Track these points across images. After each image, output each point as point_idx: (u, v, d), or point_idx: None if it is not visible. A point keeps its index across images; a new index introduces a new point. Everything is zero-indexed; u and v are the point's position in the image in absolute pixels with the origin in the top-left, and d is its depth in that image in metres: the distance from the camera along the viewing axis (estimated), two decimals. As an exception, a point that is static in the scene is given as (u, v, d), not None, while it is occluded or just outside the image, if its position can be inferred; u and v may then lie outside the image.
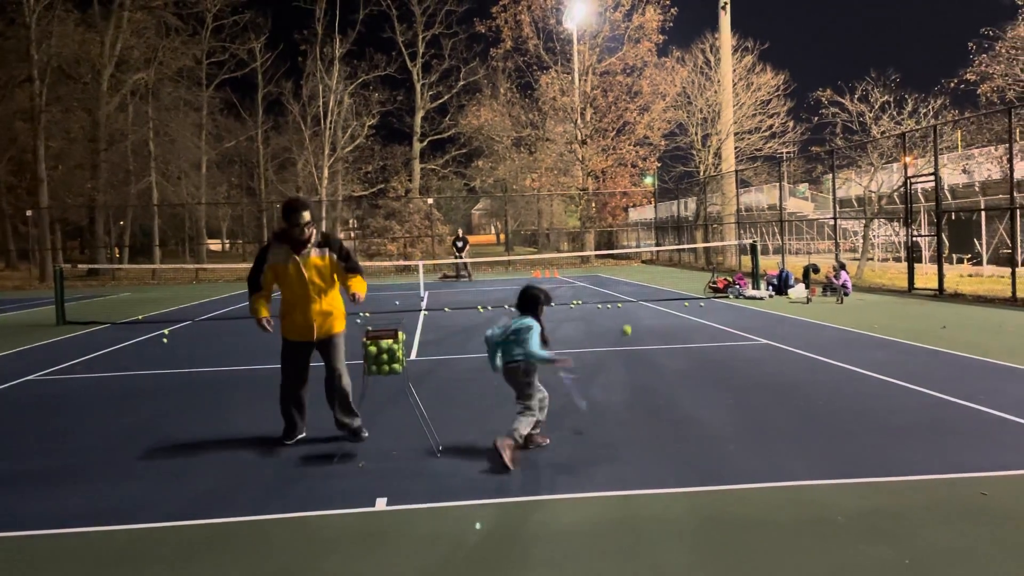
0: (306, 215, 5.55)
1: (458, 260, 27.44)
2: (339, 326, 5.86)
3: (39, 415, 7.19)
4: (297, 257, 5.61)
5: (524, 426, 5.23)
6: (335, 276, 5.77)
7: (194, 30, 43.35)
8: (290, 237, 5.59)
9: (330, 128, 43.13)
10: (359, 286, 5.73)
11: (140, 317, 16.40)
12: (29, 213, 33.82)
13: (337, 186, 45.42)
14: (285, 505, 4.52)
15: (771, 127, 34.74)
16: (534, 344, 5.24)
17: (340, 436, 5.82)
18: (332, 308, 5.78)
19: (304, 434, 5.94)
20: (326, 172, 43.18)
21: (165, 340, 12.34)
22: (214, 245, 69.62)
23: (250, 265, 5.97)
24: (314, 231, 5.68)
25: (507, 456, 4.99)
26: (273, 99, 49.36)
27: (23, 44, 34.30)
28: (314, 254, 5.63)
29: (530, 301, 5.44)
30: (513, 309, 5.60)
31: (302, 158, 45.96)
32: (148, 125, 39.75)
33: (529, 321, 5.34)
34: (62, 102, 37.61)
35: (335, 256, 5.69)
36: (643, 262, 38.58)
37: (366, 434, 5.78)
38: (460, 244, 28.06)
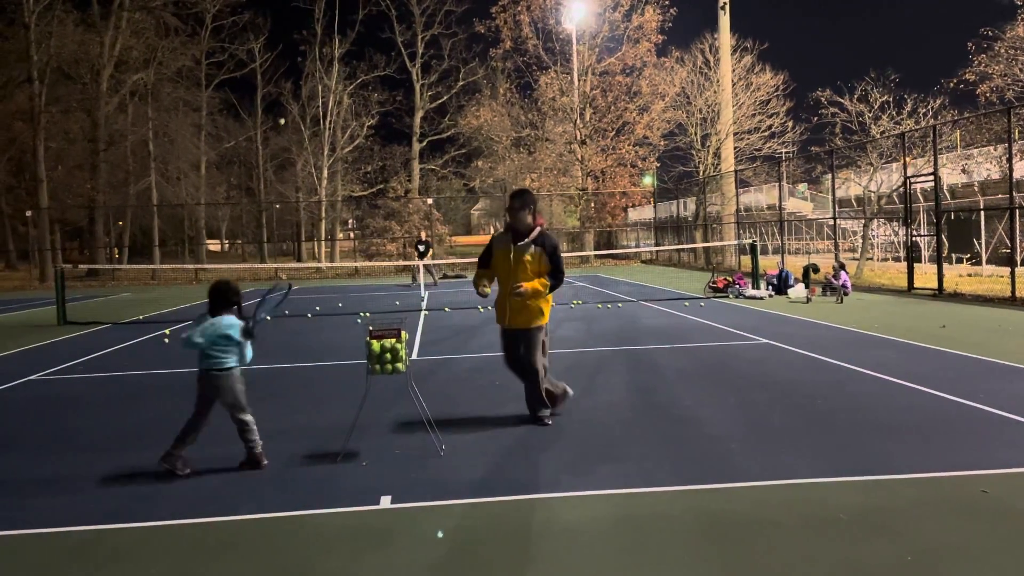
0: (515, 202, 5.89)
1: (417, 263, 24.72)
2: (534, 321, 6.02)
3: (41, 415, 7.20)
4: (513, 247, 5.91)
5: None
6: (542, 274, 5.99)
7: (193, 30, 43.34)
8: (512, 226, 5.93)
9: (329, 128, 43.16)
10: (539, 284, 5.89)
11: (141, 317, 16.41)
12: (29, 214, 33.81)
13: (336, 186, 45.43)
14: (289, 503, 4.53)
15: (770, 127, 34.79)
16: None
17: (343, 434, 5.83)
18: (529, 302, 5.94)
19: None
20: (325, 172, 43.20)
21: (166, 340, 12.35)
22: (213, 245, 69.57)
23: (251, 265, 6.12)
24: (538, 227, 5.94)
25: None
26: (272, 99, 49.38)
27: (22, 45, 34.28)
28: (529, 250, 5.89)
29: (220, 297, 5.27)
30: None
31: (301, 158, 45.97)
32: (147, 125, 39.74)
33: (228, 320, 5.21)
34: (61, 103, 37.58)
35: (546, 257, 5.93)
36: (643, 262, 38.62)
37: (549, 422, 6.04)
38: (422, 248, 25.92)
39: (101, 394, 8.09)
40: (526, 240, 5.93)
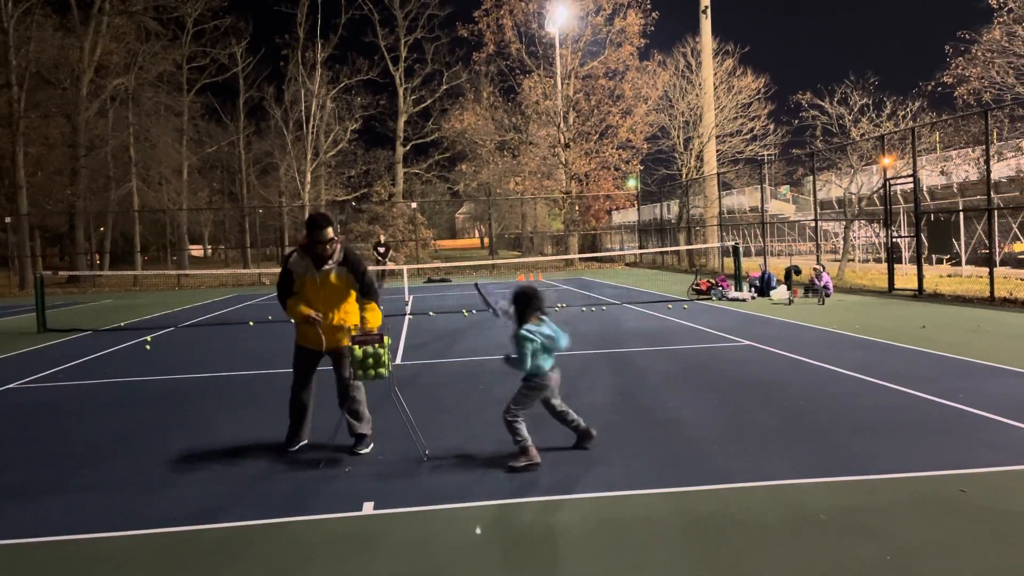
0: (329, 232, 5.56)
1: (381, 267, 24.57)
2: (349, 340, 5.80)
3: (21, 424, 7.13)
4: (317, 273, 5.63)
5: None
6: (352, 293, 5.76)
7: (174, 35, 43.03)
8: (313, 252, 5.61)
9: (312, 133, 42.99)
10: (373, 316, 5.63)
11: (122, 324, 16.28)
12: (8, 220, 33.45)
13: (320, 191, 45.25)
14: (271, 510, 4.51)
15: (752, 130, 35.02)
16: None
17: (326, 442, 5.82)
18: (343, 323, 5.72)
19: (305, 441, 5.88)
20: (309, 177, 43.01)
21: (148, 347, 12.26)
22: (196, 251, 69.13)
23: (234, 271, 5.98)
24: (337, 247, 5.66)
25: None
26: (255, 104, 49.09)
27: (1, 49, 33.93)
28: (334, 273, 5.64)
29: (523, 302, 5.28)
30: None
31: (284, 163, 45.78)
32: (128, 130, 39.42)
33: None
34: (41, 108, 37.17)
35: (352, 277, 5.68)
36: (627, 265, 38.73)
37: (366, 450, 5.65)
38: (382, 250, 25.69)
39: (82, 402, 8.01)
40: (331, 263, 5.63)
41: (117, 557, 3.96)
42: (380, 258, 25.13)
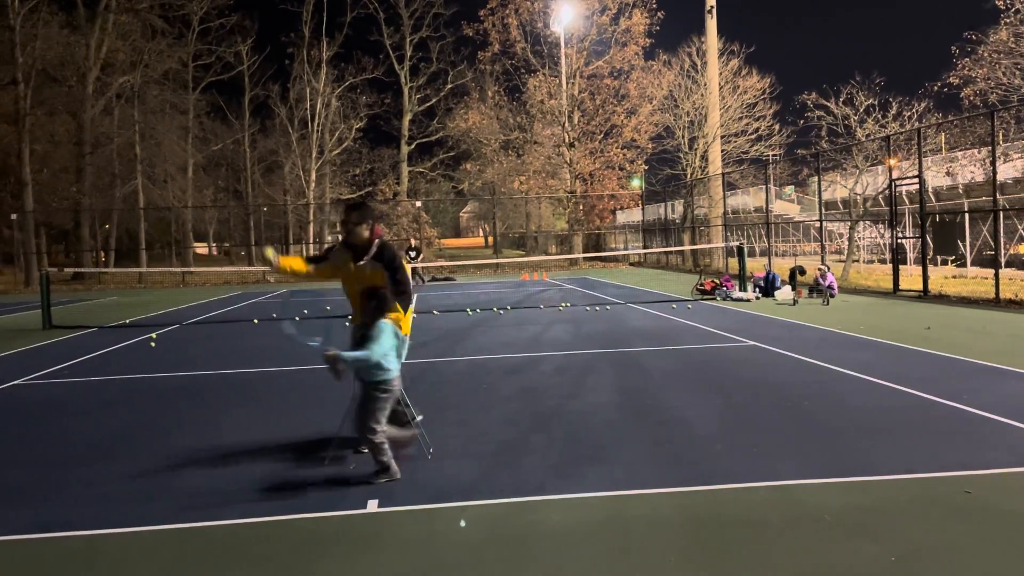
0: (353, 216, 5.58)
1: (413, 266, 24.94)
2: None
3: (26, 420, 7.15)
4: (353, 265, 5.65)
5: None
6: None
7: (180, 33, 43.08)
8: (348, 242, 5.66)
9: (317, 131, 43.05)
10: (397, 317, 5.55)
11: (127, 321, 16.31)
12: (14, 217, 33.53)
13: (325, 189, 45.32)
14: (276, 508, 4.52)
15: (757, 130, 34.95)
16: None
17: (331, 439, 5.83)
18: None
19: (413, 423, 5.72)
20: (313, 175, 43.08)
21: (153, 344, 12.29)
22: (201, 249, 69.21)
23: (239, 268, 5.98)
24: (376, 240, 5.64)
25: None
26: (260, 102, 49.18)
27: (7, 47, 33.98)
28: (369, 268, 5.62)
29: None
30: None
31: (289, 161, 45.85)
32: (134, 128, 39.48)
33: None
34: (47, 105, 37.25)
35: (385, 274, 5.62)
36: (631, 264, 38.70)
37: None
38: (413, 254, 26.38)
39: (86, 399, 8.04)
40: (366, 258, 5.62)
41: (121, 554, 3.97)
42: (412, 261, 25.40)
